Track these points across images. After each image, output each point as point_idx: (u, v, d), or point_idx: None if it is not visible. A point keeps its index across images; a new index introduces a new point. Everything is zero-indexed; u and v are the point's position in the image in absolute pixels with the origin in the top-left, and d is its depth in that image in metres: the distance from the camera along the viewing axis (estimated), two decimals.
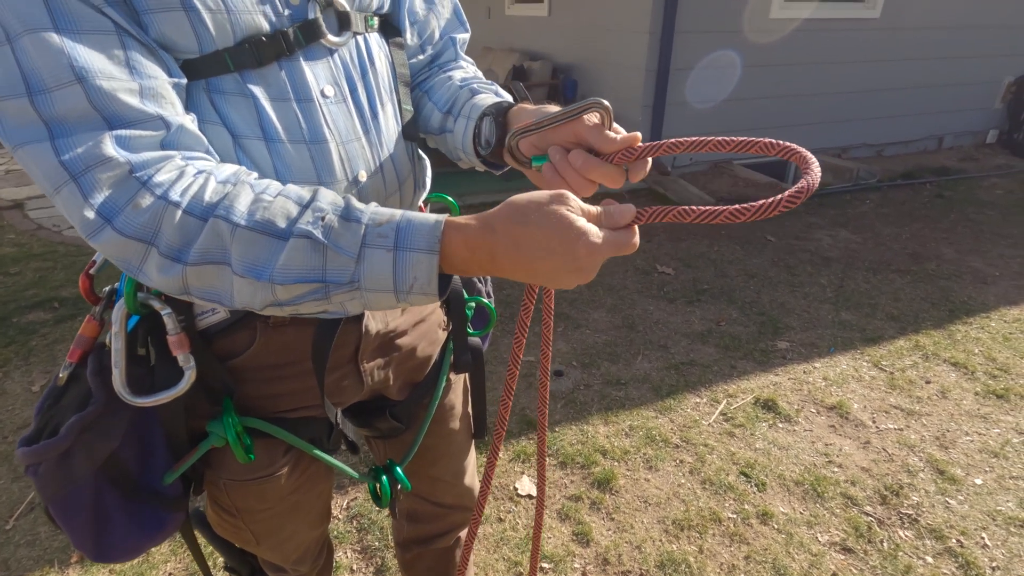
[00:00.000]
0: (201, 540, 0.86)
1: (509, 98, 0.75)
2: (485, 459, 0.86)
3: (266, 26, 0.55)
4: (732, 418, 2.15)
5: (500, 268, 0.49)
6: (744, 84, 4.99)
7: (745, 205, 0.49)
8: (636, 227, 0.52)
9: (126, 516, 0.62)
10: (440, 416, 0.94)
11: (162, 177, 0.47)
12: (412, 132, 0.71)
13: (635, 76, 4.76)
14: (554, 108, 0.60)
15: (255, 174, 0.53)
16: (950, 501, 1.80)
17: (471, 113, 0.71)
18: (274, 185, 0.52)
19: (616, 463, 1.94)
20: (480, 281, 1.04)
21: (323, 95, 0.60)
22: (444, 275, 0.50)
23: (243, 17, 0.53)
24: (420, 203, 0.82)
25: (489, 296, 1.09)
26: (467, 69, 0.81)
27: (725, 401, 2.24)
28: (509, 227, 0.48)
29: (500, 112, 0.68)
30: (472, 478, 1.09)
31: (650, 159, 0.56)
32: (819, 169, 0.49)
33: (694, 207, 0.52)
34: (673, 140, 0.56)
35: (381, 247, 0.48)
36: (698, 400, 2.25)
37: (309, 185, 0.59)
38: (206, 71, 0.53)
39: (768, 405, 2.21)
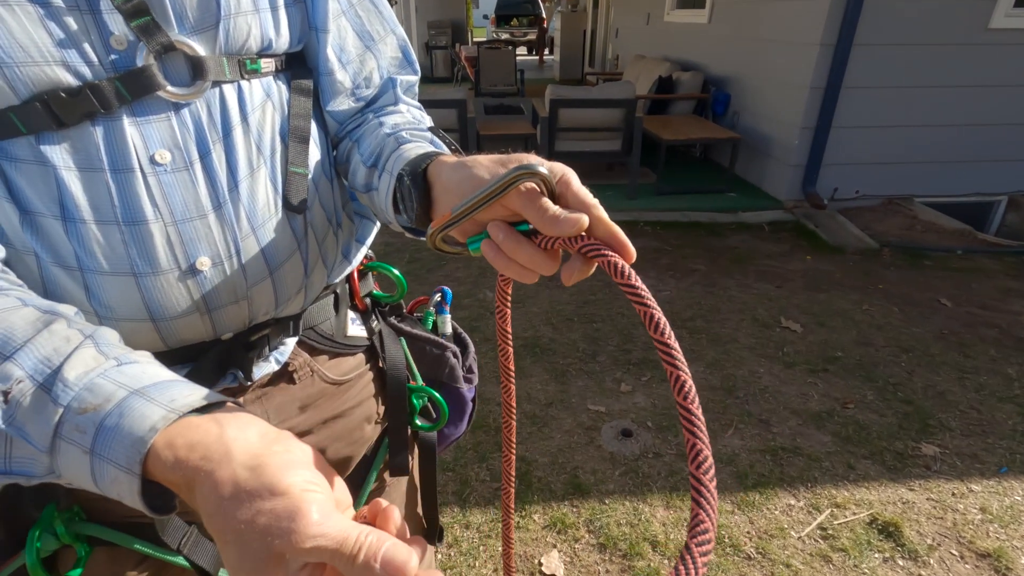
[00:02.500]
0: None
1: (444, 147, 0.58)
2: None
3: (70, 79, 0.44)
4: (833, 536, 1.71)
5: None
6: (939, 108, 4.11)
7: None
8: None
9: None
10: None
11: None
12: (297, 203, 0.57)
13: (797, 94, 4.16)
14: (482, 163, 0.44)
15: None
16: None
17: (394, 168, 0.55)
18: None
19: (667, 561, 1.64)
20: (456, 355, 0.87)
21: (153, 162, 0.48)
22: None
23: (28, 70, 0.42)
24: (337, 280, 0.67)
25: (471, 374, 0.91)
26: (404, 113, 0.64)
27: (829, 511, 1.79)
28: (210, 520, 0.34)
29: (417, 173, 0.50)
30: None
31: (595, 265, 0.40)
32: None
33: None
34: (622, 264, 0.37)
35: (78, 445, 0.35)
36: (792, 502, 1.83)
37: (106, 279, 0.48)
38: None
39: (888, 530, 1.72)
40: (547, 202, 0.39)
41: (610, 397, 2.32)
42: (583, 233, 0.39)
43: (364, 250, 0.71)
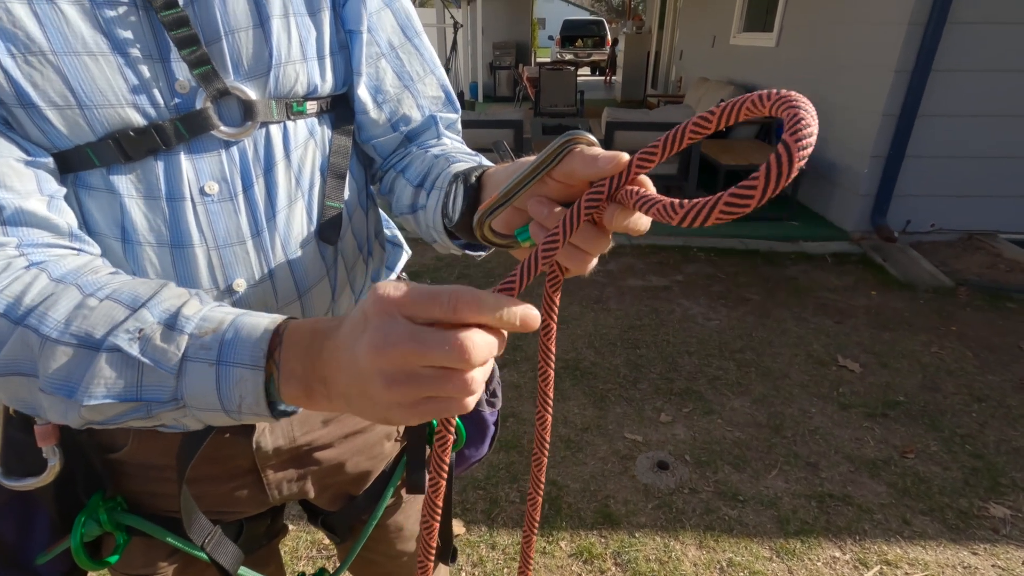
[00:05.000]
0: None
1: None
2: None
3: (139, 119, 0.50)
4: None
5: (332, 396, 0.39)
6: None
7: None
8: (475, 327, 0.34)
9: None
10: (384, 536, 0.82)
11: None
12: (330, 234, 0.61)
13: (869, 120, 3.99)
14: (530, 157, 0.44)
15: (106, 269, 0.48)
16: None
17: (444, 184, 0.58)
18: (112, 284, 0.45)
19: None
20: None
21: (202, 192, 0.53)
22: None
23: (104, 112, 0.49)
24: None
25: (494, 397, 0.93)
26: (449, 145, 0.68)
27: (878, 568, 1.68)
28: (330, 342, 0.38)
29: (469, 176, 0.53)
30: None
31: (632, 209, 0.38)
32: (811, 126, 0.29)
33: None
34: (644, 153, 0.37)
35: (204, 360, 0.40)
36: (837, 555, 1.72)
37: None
38: (74, 165, 0.50)
39: None
40: (594, 149, 0.39)
41: (648, 426, 2.27)
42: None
43: (393, 276, 0.75)
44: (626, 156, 0.37)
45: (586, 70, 19.65)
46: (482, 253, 0.61)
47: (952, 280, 3.54)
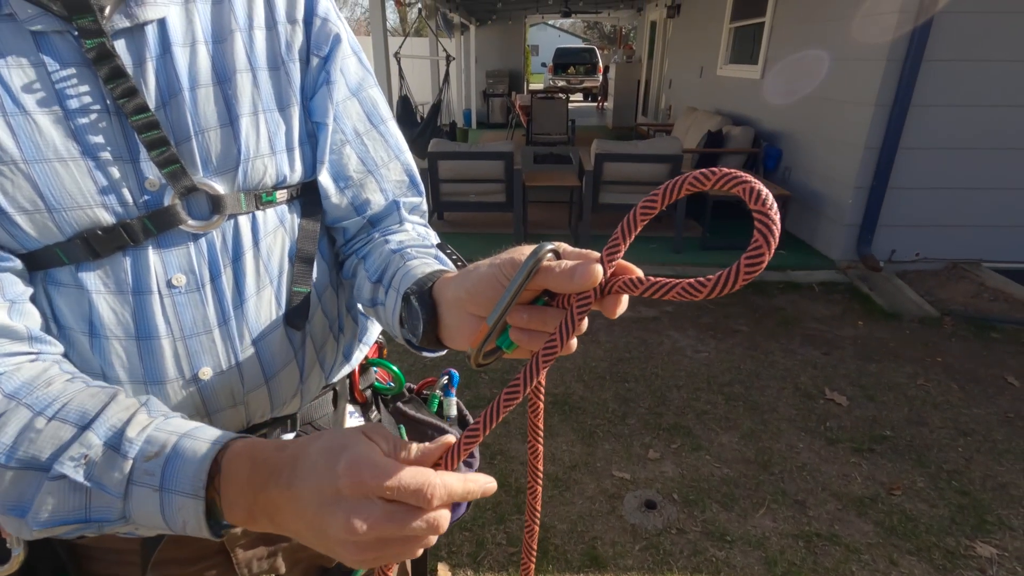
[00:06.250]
0: None
1: (449, 264, 0.62)
2: None
3: (108, 219, 0.51)
4: None
5: (279, 529, 0.42)
6: (1010, 170, 3.91)
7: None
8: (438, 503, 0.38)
9: None
10: None
11: None
12: (297, 319, 0.62)
13: (851, 153, 4.08)
14: (481, 267, 0.45)
15: (61, 377, 0.49)
16: None
17: (400, 285, 0.58)
18: (63, 397, 0.46)
19: None
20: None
21: (170, 285, 0.55)
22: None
23: (73, 213, 0.50)
24: (336, 379, 0.73)
25: (472, 458, 0.94)
26: (410, 231, 0.69)
27: None
28: (280, 490, 0.40)
29: (424, 292, 0.53)
30: None
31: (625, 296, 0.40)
32: (776, 213, 0.34)
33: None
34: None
35: (148, 485, 0.43)
36: None
37: (124, 385, 0.55)
38: (42, 263, 0.51)
39: None
40: (562, 263, 0.40)
41: (637, 463, 2.26)
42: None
43: (367, 349, 0.76)
44: (599, 268, 0.38)
45: (579, 96, 19.98)
46: (441, 353, 0.59)
47: (937, 310, 3.58)
